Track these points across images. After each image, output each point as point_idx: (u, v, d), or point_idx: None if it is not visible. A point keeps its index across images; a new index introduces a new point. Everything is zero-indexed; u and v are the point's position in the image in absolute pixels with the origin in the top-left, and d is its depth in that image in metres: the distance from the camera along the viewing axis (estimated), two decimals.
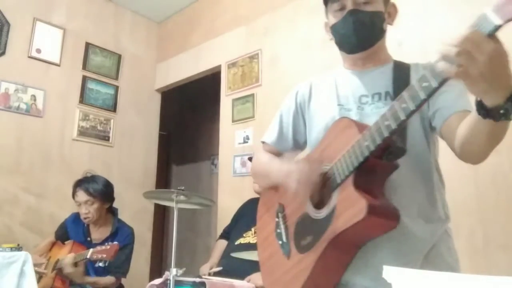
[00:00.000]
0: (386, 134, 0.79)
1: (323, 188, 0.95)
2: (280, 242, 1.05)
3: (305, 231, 0.97)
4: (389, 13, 1.10)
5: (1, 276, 1.87)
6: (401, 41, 2.21)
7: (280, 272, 1.04)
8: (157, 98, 4.06)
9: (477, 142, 0.84)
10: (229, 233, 2.49)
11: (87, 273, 2.20)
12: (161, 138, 4.14)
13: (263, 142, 1.27)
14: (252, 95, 3.03)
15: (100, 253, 2.02)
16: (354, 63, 1.13)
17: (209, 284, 1.81)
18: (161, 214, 4.54)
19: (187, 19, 3.86)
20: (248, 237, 2.26)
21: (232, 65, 3.25)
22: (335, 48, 1.16)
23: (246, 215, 2.43)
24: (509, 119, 0.72)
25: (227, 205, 2.89)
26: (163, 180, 4.69)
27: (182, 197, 1.98)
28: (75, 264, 2.11)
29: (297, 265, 0.96)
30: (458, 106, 0.94)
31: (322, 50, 2.56)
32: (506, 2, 0.59)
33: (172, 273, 1.74)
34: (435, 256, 0.95)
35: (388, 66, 1.08)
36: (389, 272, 0.54)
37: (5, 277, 1.88)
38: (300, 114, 1.20)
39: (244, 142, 3.01)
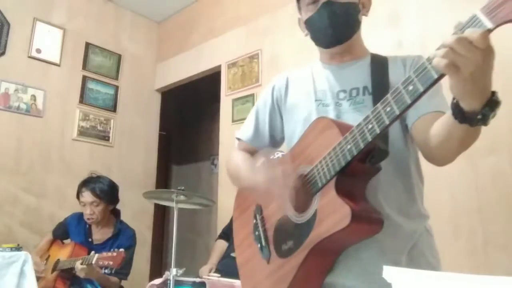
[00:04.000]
0: (369, 138, 0.77)
1: (303, 191, 0.92)
2: (259, 245, 1.02)
3: (286, 235, 0.93)
4: (363, 3, 1.06)
5: (1, 276, 1.87)
6: (401, 41, 2.22)
7: (260, 276, 1.00)
8: (157, 98, 4.06)
9: (448, 146, 0.83)
10: (227, 234, 2.49)
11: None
12: (161, 138, 4.14)
13: (238, 139, 1.23)
14: (252, 95, 3.03)
15: (107, 260, 1.99)
16: (331, 57, 1.10)
17: (209, 284, 1.81)
18: (161, 214, 4.54)
19: (187, 19, 3.86)
20: None
21: (232, 65, 3.25)
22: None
23: None
24: (486, 125, 0.71)
25: (227, 205, 2.89)
26: (163, 180, 4.69)
27: (182, 197, 1.98)
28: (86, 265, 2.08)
29: (278, 270, 0.94)
30: (431, 106, 0.92)
31: None
32: (499, 5, 0.58)
33: (172, 273, 1.75)
34: (418, 257, 0.94)
35: (365, 60, 1.06)
36: (389, 272, 0.54)
37: (5, 277, 1.88)
38: (277, 109, 1.15)
39: None
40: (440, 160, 0.91)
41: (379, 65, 1.03)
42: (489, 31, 0.60)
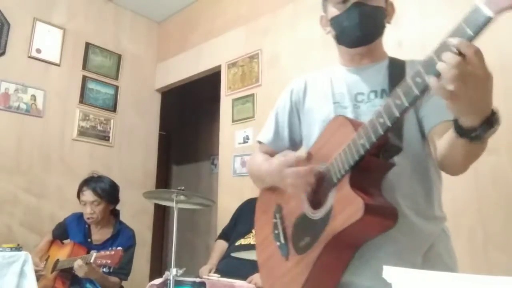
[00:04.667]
0: (381, 131, 0.78)
1: (319, 188, 0.94)
2: (278, 243, 1.04)
3: (303, 232, 0.96)
4: (388, 11, 1.09)
5: (1, 276, 1.87)
6: (401, 41, 2.22)
7: (279, 273, 1.03)
8: (157, 98, 4.06)
9: (454, 159, 0.87)
10: (227, 234, 2.48)
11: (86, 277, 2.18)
12: (161, 138, 4.14)
13: (259, 142, 1.26)
14: (252, 95, 3.03)
15: (105, 259, 1.98)
16: (351, 59, 1.11)
17: (209, 284, 1.81)
18: (161, 214, 4.54)
19: (187, 19, 3.86)
20: (249, 238, 2.26)
21: (232, 65, 3.25)
22: (335, 49, 1.15)
23: (245, 216, 2.43)
24: (482, 142, 0.75)
25: (227, 205, 2.89)
26: (163, 180, 4.69)
27: (182, 197, 1.98)
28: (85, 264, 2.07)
29: (295, 266, 0.96)
30: (446, 115, 0.92)
31: (322, 50, 2.56)
32: None
33: (172, 273, 1.74)
34: (434, 257, 0.95)
35: (383, 63, 1.08)
36: (389, 272, 0.54)
37: (5, 277, 1.88)
38: (295, 112, 1.18)
39: (244, 142, 3.01)
40: (450, 171, 0.94)
41: (397, 68, 1.04)
42: (490, 19, 0.61)
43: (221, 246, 2.46)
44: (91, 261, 2.00)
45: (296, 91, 1.19)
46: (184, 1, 3.82)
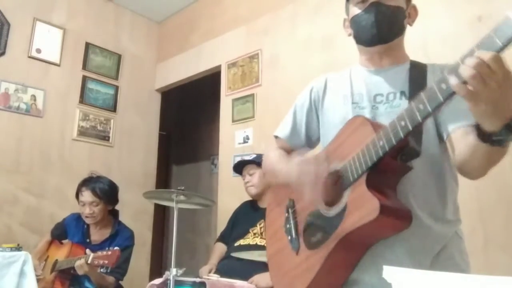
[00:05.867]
0: (401, 135, 0.78)
1: (334, 186, 0.95)
2: (289, 237, 1.05)
3: (315, 228, 0.97)
4: (409, 13, 1.10)
5: (1, 276, 1.87)
6: None
7: (288, 267, 1.04)
8: (157, 98, 4.06)
9: (475, 164, 0.88)
10: (225, 237, 2.48)
11: (85, 276, 2.18)
12: (161, 138, 4.14)
13: (276, 137, 1.26)
14: (252, 95, 3.03)
15: (102, 259, 1.98)
16: (370, 58, 1.12)
17: (209, 284, 1.81)
18: (161, 214, 4.54)
19: (187, 19, 3.86)
20: (248, 239, 2.26)
21: (232, 65, 3.25)
22: (335, 49, 1.16)
23: (243, 218, 2.43)
24: (503, 147, 0.76)
25: (227, 205, 2.89)
26: (163, 180, 4.69)
27: (182, 197, 1.98)
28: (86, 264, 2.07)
29: (305, 261, 0.96)
30: (466, 119, 0.92)
31: (322, 50, 2.56)
32: None
33: (172, 273, 1.74)
34: (446, 259, 0.95)
35: (404, 65, 1.08)
36: (389, 272, 0.54)
37: (5, 277, 1.88)
38: (313, 110, 1.18)
39: (244, 142, 3.01)
40: (469, 176, 0.94)
41: (418, 71, 1.04)
42: None
43: (220, 247, 2.46)
44: (88, 261, 1.99)
45: (316, 89, 1.19)
46: (184, 1, 3.82)
